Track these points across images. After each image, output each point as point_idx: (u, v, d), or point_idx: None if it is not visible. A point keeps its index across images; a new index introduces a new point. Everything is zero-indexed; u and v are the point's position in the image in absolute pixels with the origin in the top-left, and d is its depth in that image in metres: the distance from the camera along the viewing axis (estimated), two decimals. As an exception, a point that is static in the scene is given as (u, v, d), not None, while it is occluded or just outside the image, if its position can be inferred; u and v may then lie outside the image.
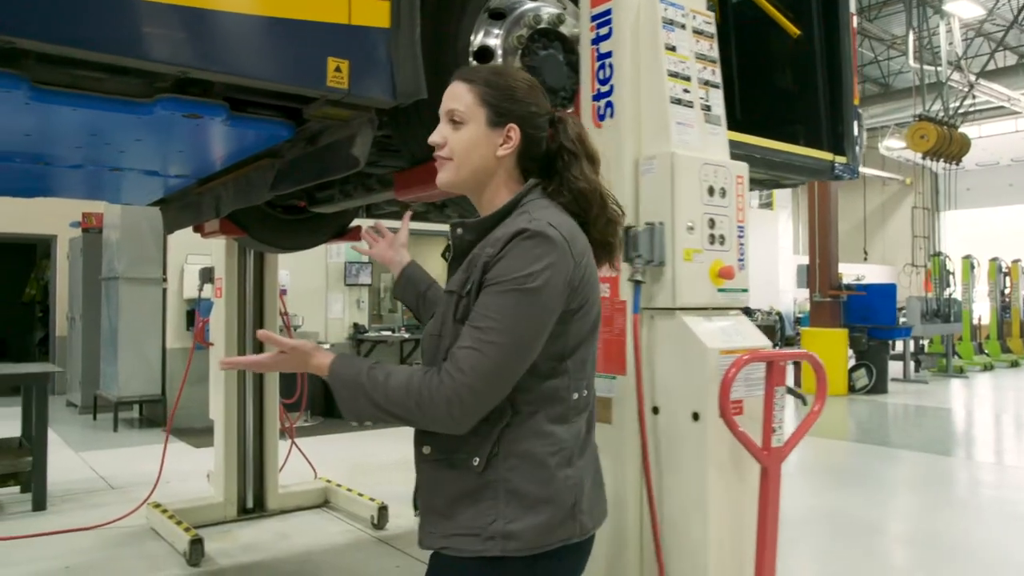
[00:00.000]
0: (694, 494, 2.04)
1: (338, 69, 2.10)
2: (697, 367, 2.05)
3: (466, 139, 1.44)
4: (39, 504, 4.94)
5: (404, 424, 1.37)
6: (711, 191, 2.18)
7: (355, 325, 9.53)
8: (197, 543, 3.95)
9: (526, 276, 1.30)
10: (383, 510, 4.58)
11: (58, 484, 5.21)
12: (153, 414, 8.44)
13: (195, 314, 5.15)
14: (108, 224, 8.51)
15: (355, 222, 4.55)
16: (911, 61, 13.71)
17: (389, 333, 9.54)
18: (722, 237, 2.20)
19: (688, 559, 2.06)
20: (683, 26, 2.26)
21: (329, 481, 5.16)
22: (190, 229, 4.38)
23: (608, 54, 2.24)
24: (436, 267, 3.24)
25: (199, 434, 7.42)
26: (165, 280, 8.12)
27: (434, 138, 1.48)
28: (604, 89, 2.26)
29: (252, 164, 2.93)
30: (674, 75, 2.20)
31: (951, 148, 12.38)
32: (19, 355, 12.40)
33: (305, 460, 5.24)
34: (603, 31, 2.25)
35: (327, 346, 6.06)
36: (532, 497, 1.33)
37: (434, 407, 1.30)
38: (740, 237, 2.24)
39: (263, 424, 4.85)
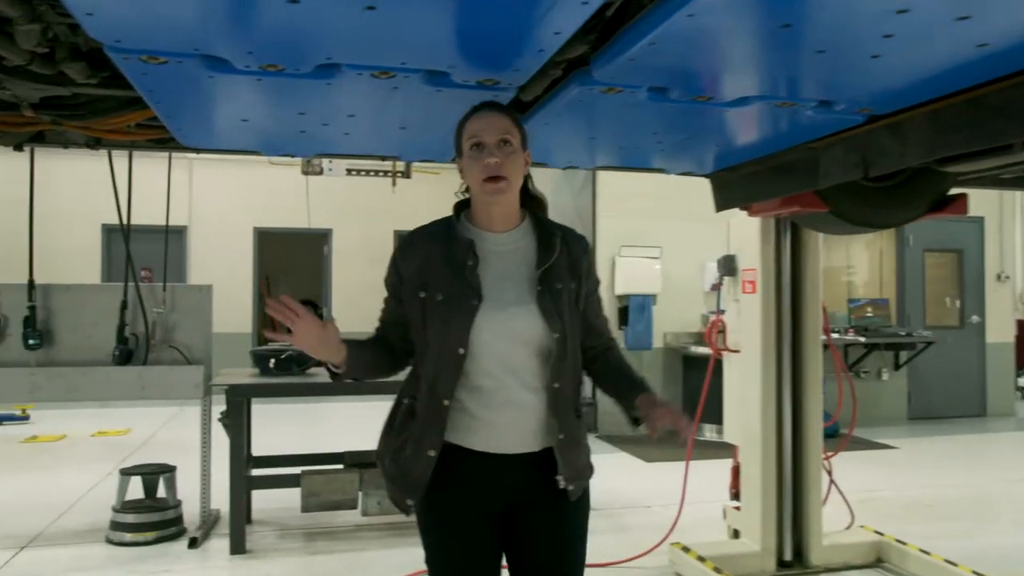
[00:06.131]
0: None
1: None
2: None
3: (517, 161, 1.71)
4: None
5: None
6: None
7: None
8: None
9: None
10: (1001, 591, 3.26)
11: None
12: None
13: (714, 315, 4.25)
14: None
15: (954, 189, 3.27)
16: None
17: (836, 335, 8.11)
18: None
19: None
20: None
21: (881, 533, 3.95)
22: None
23: None
24: None
25: (635, 443, 6.75)
26: (594, 275, 7.58)
27: (490, 162, 1.66)
28: None
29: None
30: None
31: None
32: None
33: (844, 502, 4.09)
34: None
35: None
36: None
37: None
38: None
39: (802, 455, 3.79)
